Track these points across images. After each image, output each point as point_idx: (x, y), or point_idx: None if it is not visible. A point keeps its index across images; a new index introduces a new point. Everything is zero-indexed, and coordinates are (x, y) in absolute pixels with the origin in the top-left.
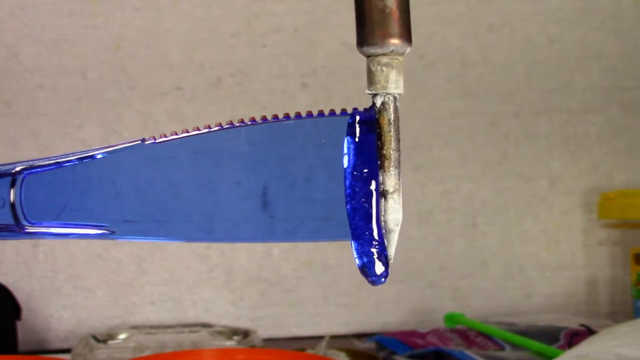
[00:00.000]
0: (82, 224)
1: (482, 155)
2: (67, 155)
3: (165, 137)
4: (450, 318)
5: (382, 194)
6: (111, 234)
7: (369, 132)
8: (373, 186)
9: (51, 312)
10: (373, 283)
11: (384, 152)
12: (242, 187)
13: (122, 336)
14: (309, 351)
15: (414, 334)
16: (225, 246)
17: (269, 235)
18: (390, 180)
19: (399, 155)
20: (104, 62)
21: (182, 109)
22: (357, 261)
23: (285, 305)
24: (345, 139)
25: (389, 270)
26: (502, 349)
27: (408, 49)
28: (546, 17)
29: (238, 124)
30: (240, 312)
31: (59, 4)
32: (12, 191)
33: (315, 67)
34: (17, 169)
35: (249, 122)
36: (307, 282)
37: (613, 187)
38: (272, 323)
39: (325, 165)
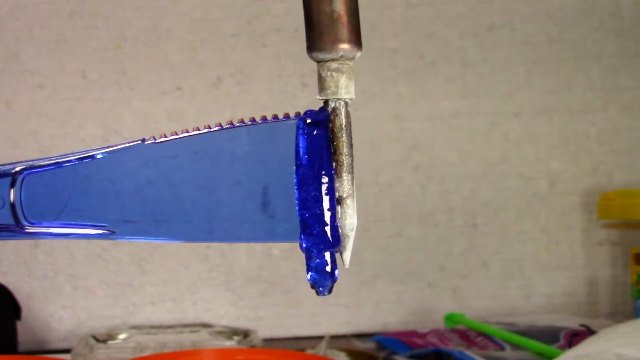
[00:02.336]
0: (82, 224)
1: (482, 155)
2: (67, 155)
3: (165, 137)
4: (450, 318)
5: (336, 200)
6: (111, 234)
7: (319, 134)
8: (324, 191)
9: (51, 312)
10: (314, 286)
11: (337, 157)
12: (242, 187)
13: (122, 336)
14: (309, 351)
15: (414, 334)
16: (225, 246)
17: (269, 235)
18: (343, 185)
19: (352, 161)
20: (104, 62)
21: (182, 109)
22: (307, 272)
23: (285, 305)
24: (295, 142)
25: (337, 280)
26: (502, 349)
27: (358, 54)
28: (546, 17)
29: (238, 124)
30: (240, 312)
31: (59, 4)
32: (12, 191)
33: (315, 67)
34: (17, 169)
35: (249, 122)
36: (307, 282)
37: (613, 187)
38: (272, 323)
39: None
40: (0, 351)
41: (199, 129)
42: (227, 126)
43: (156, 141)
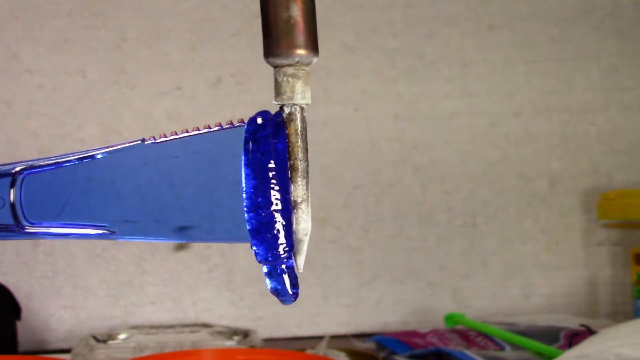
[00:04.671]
0: (82, 224)
1: (482, 155)
2: (67, 155)
3: (165, 137)
4: (450, 318)
5: (291, 205)
6: (111, 234)
7: (272, 139)
8: (279, 196)
9: (51, 312)
10: (283, 302)
11: (292, 162)
12: (242, 187)
13: (122, 336)
14: (309, 351)
15: (414, 334)
16: (225, 246)
17: None
18: (298, 190)
19: (307, 166)
20: (104, 62)
21: (182, 109)
22: (266, 282)
23: (285, 305)
24: (246, 147)
25: (298, 287)
26: (502, 349)
27: (314, 60)
28: (546, 17)
29: (238, 124)
30: (240, 312)
31: (59, 4)
32: (12, 191)
33: (314, 67)
34: (17, 169)
35: None
36: (307, 282)
37: (613, 187)
38: (272, 323)
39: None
40: (0, 351)
41: (198, 129)
42: (227, 126)
43: (156, 141)
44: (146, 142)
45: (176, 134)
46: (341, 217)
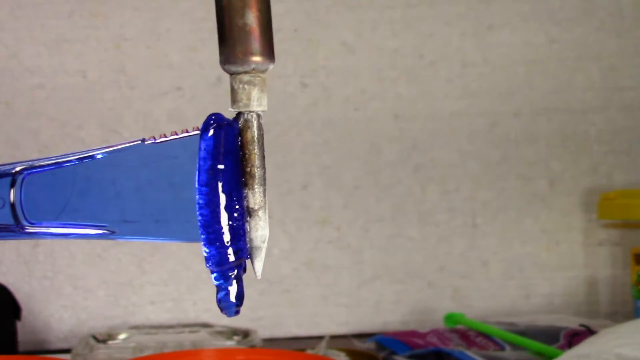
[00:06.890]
0: (82, 224)
1: (482, 155)
2: (67, 155)
3: (165, 137)
4: (450, 318)
5: (248, 212)
6: (111, 234)
7: (222, 143)
8: (229, 202)
9: (51, 312)
10: (221, 310)
11: (249, 169)
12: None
13: (122, 336)
14: (309, 351)
15: (414, 334)
16: None
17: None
18: (255, 197)
19: (264, 173)
20: (104, 62)
21: (182, 109)
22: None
23: (285, 305)
24: (200, 152)
25: (244, 302)
26: (502, 349)
27: (270, 66)
28: (546, 17)
29: None
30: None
31: (59, 4)
32: (12, 191)
33: (315, 67)
34: (17, 169)
35: None
36: (307, 282)
37: (613, 187)
38: (272, 323)
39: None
40: (0, 351)
41: (199, 129)
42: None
43: (156, 141)
44: (146, 142)
45: (176, 134)
46: (341, 217)
